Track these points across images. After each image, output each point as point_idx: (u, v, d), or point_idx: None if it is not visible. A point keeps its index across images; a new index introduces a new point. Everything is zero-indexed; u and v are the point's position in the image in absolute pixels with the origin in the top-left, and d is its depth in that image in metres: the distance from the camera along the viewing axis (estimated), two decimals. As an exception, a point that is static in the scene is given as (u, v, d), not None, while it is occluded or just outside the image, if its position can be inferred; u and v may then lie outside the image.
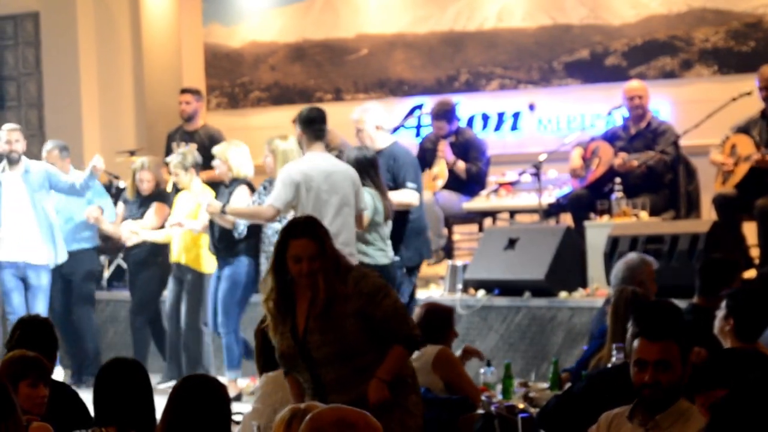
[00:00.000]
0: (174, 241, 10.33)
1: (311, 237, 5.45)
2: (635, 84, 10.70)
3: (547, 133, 12.37)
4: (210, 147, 11.60)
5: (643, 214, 10.02)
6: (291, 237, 5.47)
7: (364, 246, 8.88)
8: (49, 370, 5.22)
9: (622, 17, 12.19)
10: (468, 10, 12.97)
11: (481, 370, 7.37)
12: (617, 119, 11.07)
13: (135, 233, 10.46)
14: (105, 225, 10.73)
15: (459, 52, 13.01)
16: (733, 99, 10.09)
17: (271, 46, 14.02)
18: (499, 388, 7.02)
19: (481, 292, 9.97)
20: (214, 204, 9.35)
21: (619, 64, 12.16)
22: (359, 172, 8.77)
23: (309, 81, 13.82)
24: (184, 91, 12.22)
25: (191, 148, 10.93)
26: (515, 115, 12.62)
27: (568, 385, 6.85)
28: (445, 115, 11.25)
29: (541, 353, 9.50)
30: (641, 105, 10.49)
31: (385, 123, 9.59)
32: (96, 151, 13.88)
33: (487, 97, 12.82)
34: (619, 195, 10.08)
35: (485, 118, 12.74)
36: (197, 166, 10.30)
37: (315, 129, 8.69)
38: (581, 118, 12.24)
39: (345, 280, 5.46)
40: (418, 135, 12.63)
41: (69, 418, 5.33)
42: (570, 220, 10.68)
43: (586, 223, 10.13)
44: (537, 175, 10.49)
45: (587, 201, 10.41)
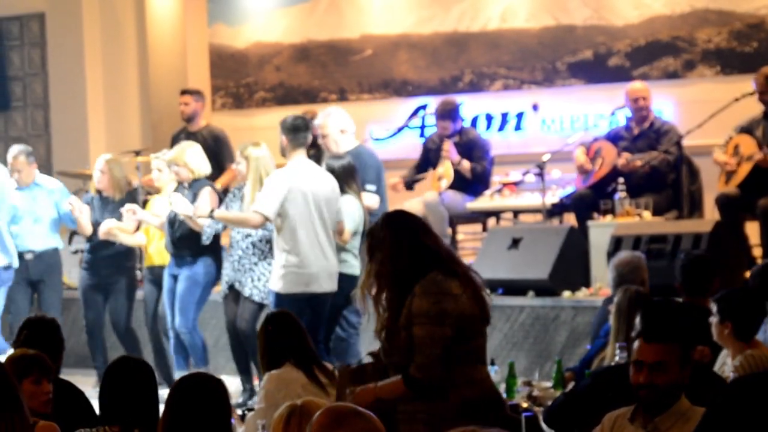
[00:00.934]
0: (150, 243, 10.26)
1: None
2: (638, 85, 10.73)
3: (550, 133, 12.40)
4: (213, 147, 11.64)
5: (646, 214, 10.04)
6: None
7: (345, 254, 8.98)
8: (52, 367, 5.24)
9: (625, 18, 12.23)
10: (472, 10, 13.00)
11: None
12: (620, 119, 11.09)
13: (113, 234, 10.31)
14: (83, 217, 10.64)
15: (463, 52, 13.05)
16: (736, 99, 10.11)
17: (275, 46, 14.05)
18: (502, 387, 7.05)
19: (484, 292, 9.99)
20: (202, 208, 9.29)
21: (623, 64, 12.19)
22: (343, 181, 8.93)
23: (313, 81, 13.85)
24: (183, 92, 12.24)
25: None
26: (519, 116, 12.65)
27: (571, 384, 6.88)
28: (449, 114, 11.27)
29: (544, 352, 9.52)
30: (644, 106, 10.52)
31: (349, 126, 9.67)
32: (101, 150, 13.93)
33: (490, 98, 12.85)
34: (623, 195, 10.10)
35: (489, 118, 12.78)
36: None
37: (299, 136, 8.84)
38: (584, 119, 12.27)
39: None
40: (422, 135, 12.67)
41: (74, 417, 5.34)
42: (573, 220, 10.71)
43: (590, 222, 10.15)
44: (541, 175, 10.51)
45: (590, 201, 10.43)
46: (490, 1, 12.90)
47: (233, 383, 9.43)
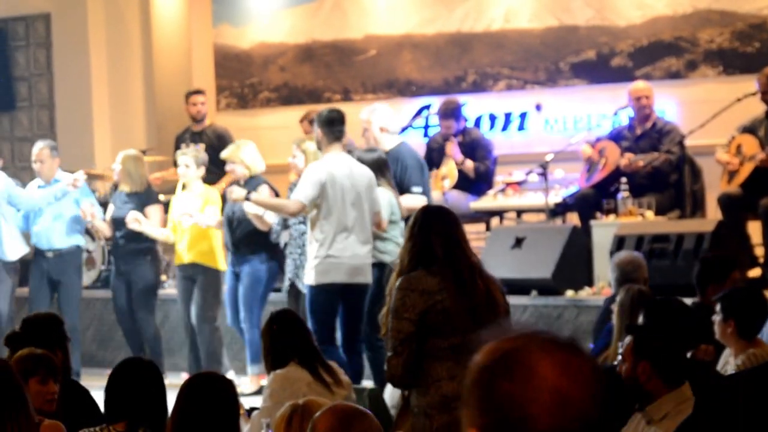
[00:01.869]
0: (180, 242, 10.33)
1: None
2: (641, 84, 10.77)
3: (553, 133, 12.42)
4: (218, 146, 11.70)
5: (649, 214, 10.07)
6: None
7: (386, 243, 9.00)
8: (59, 367, 5.26)
9: (627, 18, 12.25)
10: (475, 11, 13.02)
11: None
12: (623, 119, 11.13)
13: (138, 221, 10.42)
14: (97, 221, 10.79)
15: (466, 52, 13.08)
16: (738, 99, 10.15)
17: (280, 47, 14.08)
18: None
19: (488, 291, 10.02)
20: (237, 191, 9.28)
21: (625, 64, 12.21)
22: (376, 173, 8.90)
23: (318, 81, 13.88)
24: (196, 92, 12.32)
25: (201, 149, 11.01)
26: (522, 116, 12.68)
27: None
28: (452, 114, 11.30)
29: (547, 351, 9.55)
30: (647, 105, 10.56)
31: (391, 125, 9.67)
32: (107, 150, 14.00)
33: (494, 98, 12.87)
34: (625, 195, 10.14)
35: (492, 118, 12.80)
36: (205, 167, 10.40)
37: (335, 130, 8.76)
38: (587, 119, 12.29)
39: None
40: (426, 135, 12.69)
41: (79, 415, 5.36)
42: (576, 220, 10.75)
43: (592, 222, 10.18)
44: (544, 174, 10.55)
45: (594, 200, 10.47)
46: (493, 1, 12.92)
47: None
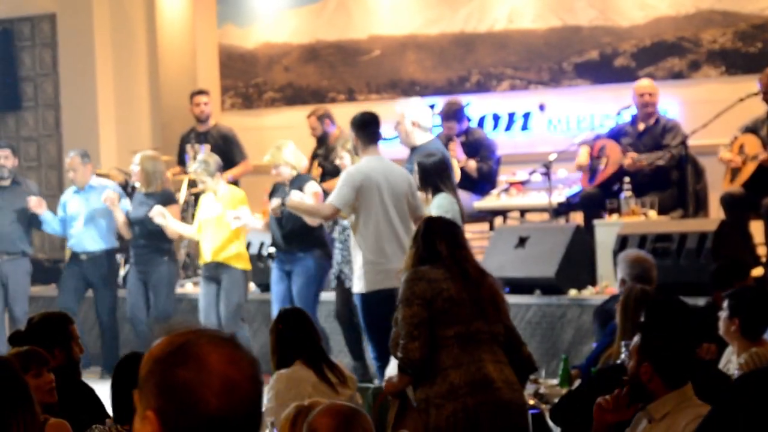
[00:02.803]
0: (205, 241, 10.35)
1: None
2: (646, 82, 10.81)
3: (557, 133, 12.45)
4: (223, 146, 11.77)
5: (652, 213, 10.11)
6: None
7: None
8: (48, 356, 5.25)
9: (630, 19, 12.28)
10: (479, 11, 13.06)
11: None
12: (626, 119, 11.17)
13: (163, 216, 10.52)
14: (117, 211, 10.92)
15: (470, 53, 13.11)
16: (741, 99, 10.17)
17: (284, 47, 14.12)
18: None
19: (491, 290, 10.05)
20: (274, 203, 9.32)
21: (628, 64, 12.24)
22: (436, 177, 8.74)
23: (322, 82, 13.92)
24: (200, 92, 12.36)
25: (206, 149, 11.06)
26: (525, 116, 12.71)
27: (578, 381, 6.95)
28: (454, 114, 11.34)
29: (551, 350, 9.59)
30: (651, 102, 10.61)
31: (424, 120, 9.63)
32: (112, 150, 14.05)
33: (497, 98, 12.90)
34: (628, 194, 10.18)
35: (496, 118, 12.83)
36: (220, 170, 10.40)
37: (369, 132, 8.68)
38: (591, 118, 12.32)
39: None
40: (429, 135, 12.73)
41: (84, 414, 5.39)
42: (580, 219, 10.79)
43: (595, 221, 10.21)
44: (547, 174, 10.57)
45: (599, 200, 10.50)
46: (496, 2, 12.95)
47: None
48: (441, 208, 8.56)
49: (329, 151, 11.79)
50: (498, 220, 11.53)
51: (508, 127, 12.77)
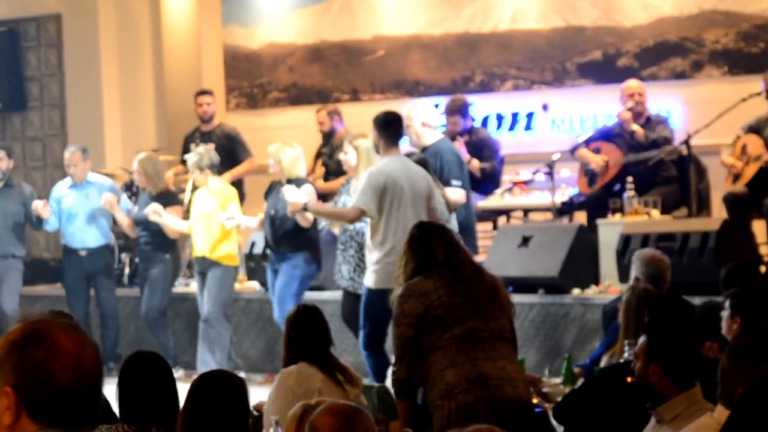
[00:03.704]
0: (196, 236, 10.48)
1: None
2: (634, 83, 10.89)
3: (560, 132, 12.48)
4: (227, 145, 11.83)
5: (655, 213, 10.14)
6: None
7: None
8: None
9: (633, 19, 12.31)
10: (482, 12, 13.08)
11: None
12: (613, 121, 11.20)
13: (158, 214, 10.61)
14: (118, 213, 11.01)
15: (474, 53, 13.14)
16: (743, 99, 10.20)
17: (289, 47, 14.16)
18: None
19: (495, 290, 10.08)
20: (296, 202, 9.26)
21: (631, 65, 12.27)
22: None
23: (326, 82, 13.95)
24: (203, 92, 12.40)
25: (209, 148, 11.14)
26: (529, 116, 12.74)
27: (581, 380, 6.98)
28: (458, 110, 11.36)
29: (554, 349, 9.61)
30: (640, 102, 10.71)
31: (433, 120, 9.69)
32: (117, 150, 14.10)
33: (501, 98, 12.93)
34: (631, 194, 10.21)
35: (499, 118, 12.87)
36: (213, 167, 10.47)
37: (392, 132, 8.60)
38: (594, 118, 12.35)
39: None
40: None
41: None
42: (583, 218, 10.82)
43: (599, 221, 10.22)
44: (550, 174, 10.60)
45: (603, 200, 10.53)
46: (500, 2, 12.98)
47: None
48: None
49: (334, 150, 11.83)
50: (501, 220, 11.56)
51: (511, 127, 12.80)
